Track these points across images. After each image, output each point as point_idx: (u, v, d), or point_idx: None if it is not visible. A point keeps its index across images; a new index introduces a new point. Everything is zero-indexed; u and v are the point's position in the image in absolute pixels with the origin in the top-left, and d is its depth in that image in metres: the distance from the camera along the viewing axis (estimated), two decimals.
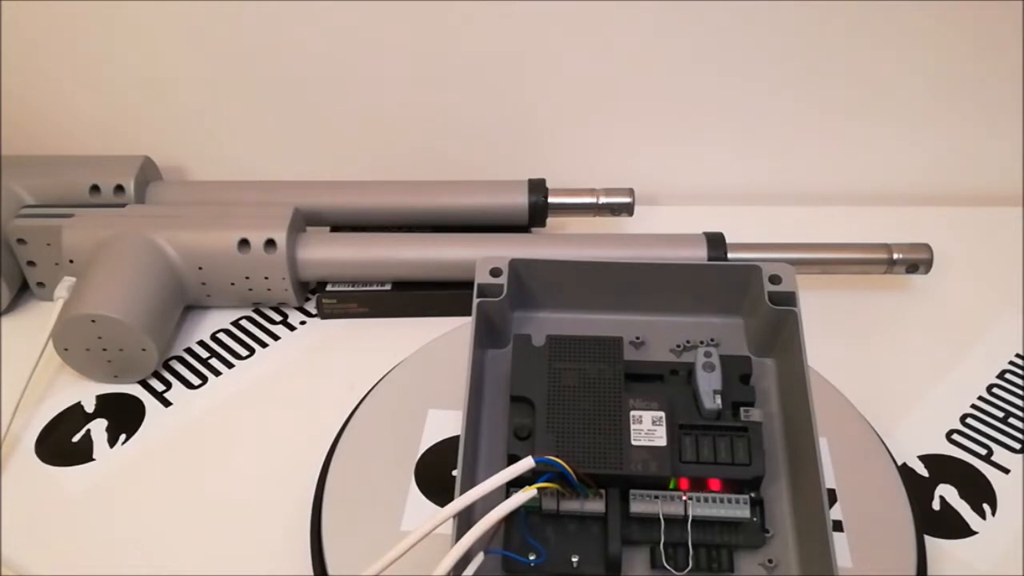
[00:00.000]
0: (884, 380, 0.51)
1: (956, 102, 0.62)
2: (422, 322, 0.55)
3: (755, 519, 0.37)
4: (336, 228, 0.59)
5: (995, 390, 0.51)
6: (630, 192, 0.59)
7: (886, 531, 0.40)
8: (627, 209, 0.59)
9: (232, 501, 0.45)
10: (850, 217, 0.64)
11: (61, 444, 0.48)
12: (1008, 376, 0.52)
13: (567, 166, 0.65)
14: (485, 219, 0.58)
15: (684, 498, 0.37)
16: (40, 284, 0.56)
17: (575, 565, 0.36)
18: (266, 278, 0.54)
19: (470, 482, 0.37)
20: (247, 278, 0.54)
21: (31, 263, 0.55)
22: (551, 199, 0.59)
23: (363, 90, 0.62)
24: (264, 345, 0.55)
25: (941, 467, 0.47)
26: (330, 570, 0.39)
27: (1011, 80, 0.61)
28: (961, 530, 0.44)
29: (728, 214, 0.61)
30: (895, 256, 0.54)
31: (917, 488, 0.45)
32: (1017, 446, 0.48)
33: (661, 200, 0.66)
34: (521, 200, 0.58)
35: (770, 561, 0.37)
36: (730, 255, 0.54)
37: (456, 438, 0.39)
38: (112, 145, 0.64)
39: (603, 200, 0.59)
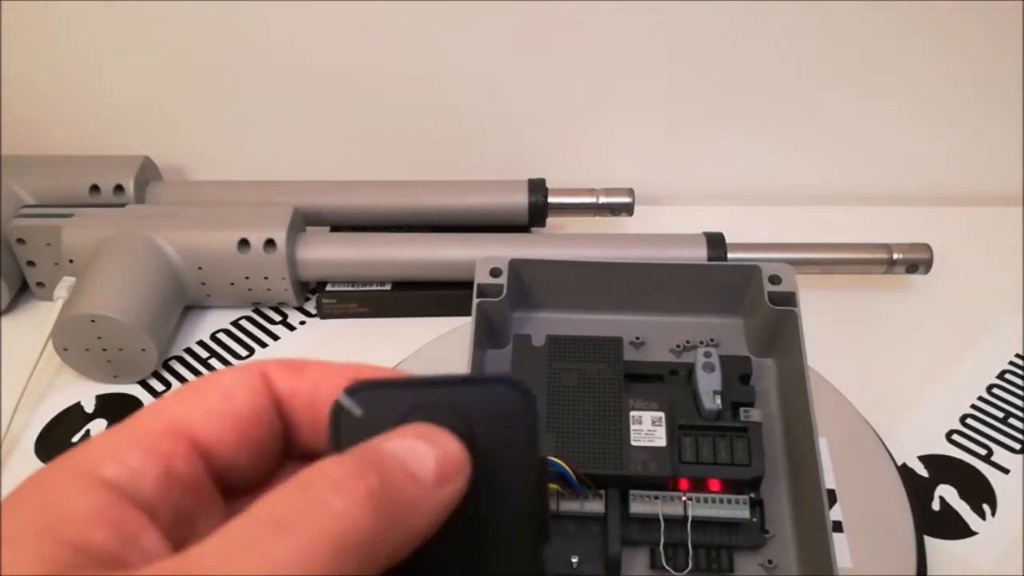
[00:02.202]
0: (884, 380, 0.51)
1: (956, 102, 0.62)
2: (422, 322, 0.55)
3: (755, 519, 0.37)
4: (336, 228, 0.59)
5: (995, 390, 0.51)
6: (630, 192, 0.59)
7: (886, 531, 0.40)
8: (627, 209, 0.59)
9: None
10: (850, 217, 0.63)
11: (61, 444, 0.48)
12: (1008, 376, 0.52)
13: (567, 166, 0.65)
14: (485, 219, 0.58)
15: (684, 498, 0.37)
16: (40, 284, 0.56)
17: (575, 566, 0.36)
18: (266, 278, 0.54)
19: None
20: (247, 278, 0.54)
21: (31, 263, 0.55)
22: (551, 199, 0.59)
23: (363, 90, 0.62)
24: (264, 345, 0.54)
25: (941, 467, 0.47)
26: None
27: (1011, 80, 0.61)
28: (961, 530, 0.44)
29: (728, 214, 0.61)
30: (895, 256, 0.54)
31: (917, 488, 0.45)
32: (1017, 446, 0.48)
33: (661, 200, 0.66)
34: (521, 200, 0.58)
35: (770, 562, 0.37)
36: (730, 255, 0.54)
37: None
38: (112, 145, 0.64)
39: (603, 200, 0.59)
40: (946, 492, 0.45)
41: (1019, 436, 0.48)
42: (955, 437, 0.48)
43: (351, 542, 0.16)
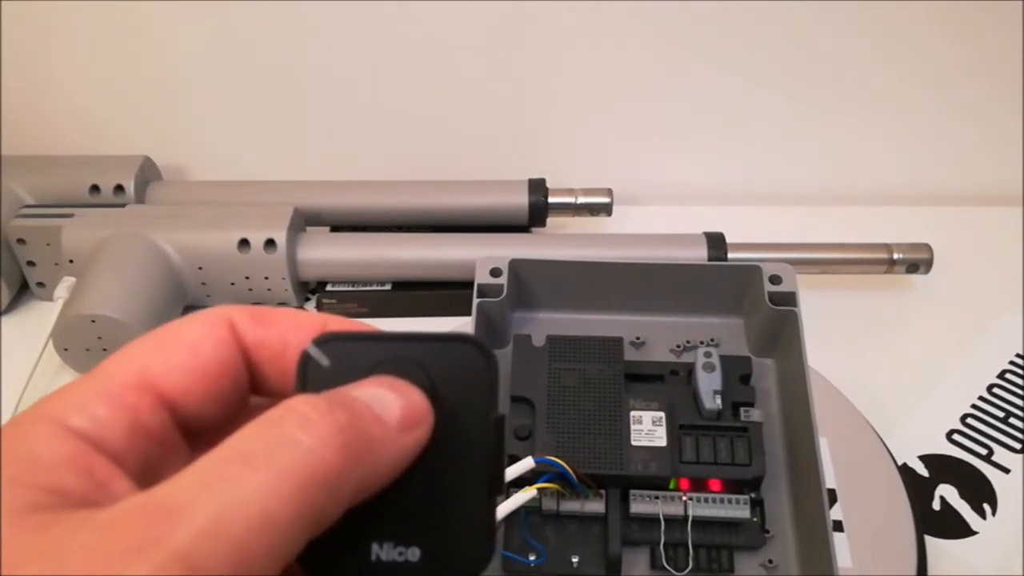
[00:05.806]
0: (884, 380, 0.51)
1: (956, 102, 0.62)
2: (422, 322, 0.55)
3: (755, 519, 0.37)
4: (336, 228, 0.59)
5: (995, 390, 0.51)
6: (608, 192, 0.59)
7: (886, 531, 0.40)
8: (606, 209, 0.59)
9: None
10: (850, 217, 0.63)
11: None
12: (1008, 376, 0.52)
13: (567, 166, 0.65)
14: (485, 219, 0.58)
15: (684, 498, 0.37)
16: (40, 284, 0.56)
17: (575, 565, 0.36)
18: (266, 278, 0.54)
19: None
20: (247, 278, 0.54)
21: (31, 263, 0.55)
22: (550, 199, 0.58)
23: (363, 90, 0.62)
24: None
25: (941, 467, 0.47)
26: None
27: (1011, 80, 0.61)
28: (961, 530, 0.44)
29: (728, 214, 0.61)
30: (895, 256, 0.54)
31: (917, 488, 0.45)
32: (1017, 446, 0.48)
33: (661, 200, 0.66)
34: (521, 200, 0.58)
35: (770, 561, 0.37)
36: (730, 255, 0.54)
37: None
38: (112, 145, 0.64)
39: (581, 200, 0.58)
40: (946, 492, 0.45)
41: (1019, 436, 0.48)
42: (955, 437, 0.48)
43: (318, 477, 0.16)
